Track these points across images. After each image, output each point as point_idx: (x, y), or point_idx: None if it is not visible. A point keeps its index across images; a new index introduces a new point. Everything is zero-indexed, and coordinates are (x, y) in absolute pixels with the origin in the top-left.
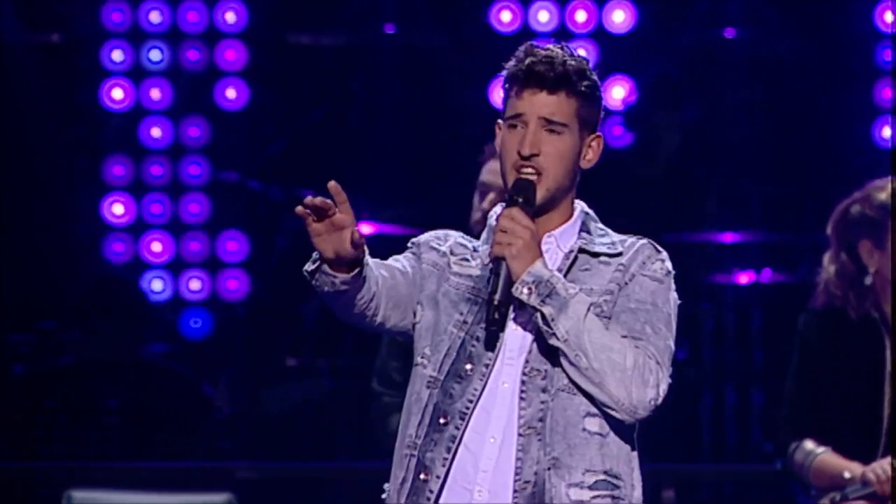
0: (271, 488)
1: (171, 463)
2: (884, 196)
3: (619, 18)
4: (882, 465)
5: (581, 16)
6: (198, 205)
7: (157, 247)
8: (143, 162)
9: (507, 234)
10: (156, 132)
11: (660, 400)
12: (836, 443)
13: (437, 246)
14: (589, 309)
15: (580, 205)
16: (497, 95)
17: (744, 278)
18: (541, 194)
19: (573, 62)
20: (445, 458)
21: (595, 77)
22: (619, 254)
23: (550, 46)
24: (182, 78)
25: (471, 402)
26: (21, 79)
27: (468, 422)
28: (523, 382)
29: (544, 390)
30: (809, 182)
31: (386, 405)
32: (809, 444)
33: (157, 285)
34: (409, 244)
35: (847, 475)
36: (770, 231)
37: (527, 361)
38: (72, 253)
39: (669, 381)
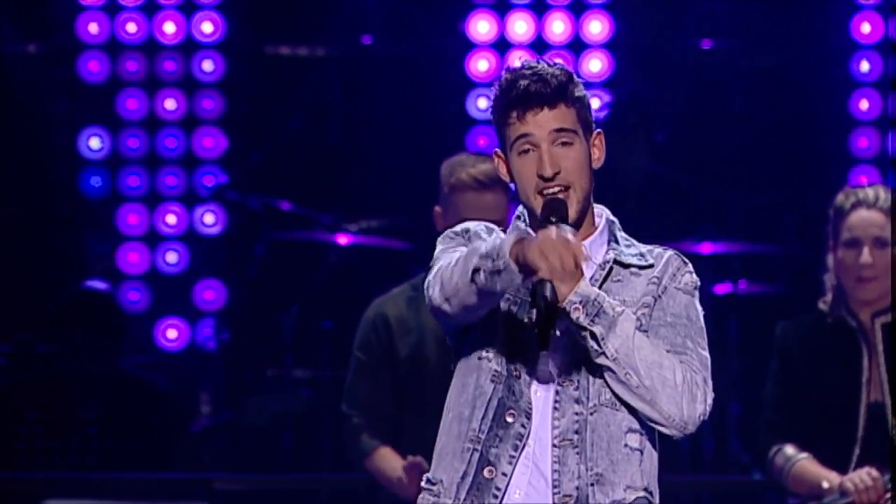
0: (250, 499)
1: (149, 474)
2: (840, 197)
3: (597, 29)
4: (860, 475)
5: (558, 27)
6: (174, 215)
7: (133, 258)
8: (120, 173)
9: (548, 257)
10: (132, 142)
11: (707, 415)
12: (814, 448)
13: (486, 238)
14: (636, 326)
15: (604, 212)
16: (474, 105)
17: (721, 289)
18: (574, 209)
19: (559, 71)
20: (513, 456)
21: (580, 80)
22: (651, 265)
23: (530, 63)
24: (159, 87)
25: (530, 403)
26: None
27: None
28: (557, 393)
29: (577, 401)
30: (787, 193)
31: (355, 426)
32: (790, 450)
33: (133, 295)
34: (458, 232)
35: (825, 485)
36: (747, 242)
37: (560, 372)
38: (49, 264)
39: (713, 395)
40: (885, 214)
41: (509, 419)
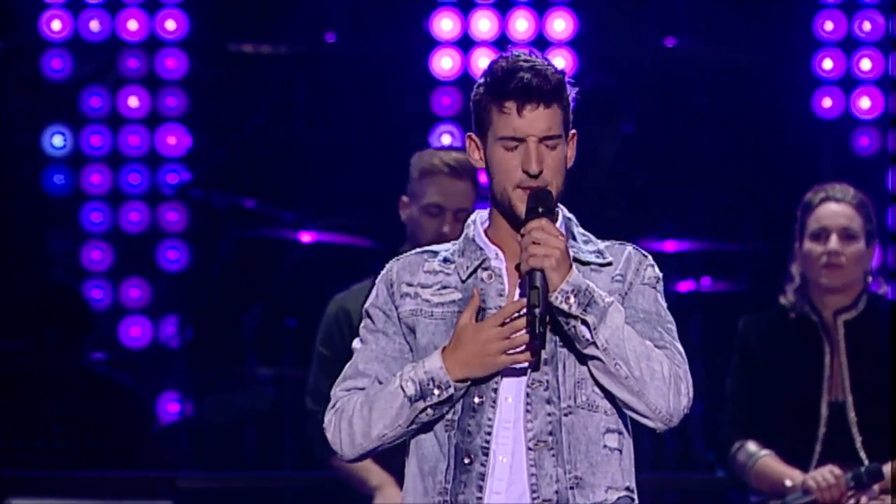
0: (213, 497)
1: (113, 472)
2: (808, 194)
3: (561, 27)
4: (823, 473)
5: (522, 24)
6: (138, 213)
7: (97, 255)
8: (83, 171)
9: (542, 245)
10: (96, 140)
11: (689, 408)
12: (775, 445)
13: (388, 306)
14: (624, 318)
15: (561, 209)
16: (438, 102)
17: (684, 287)
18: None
19: (556, 70)
20: (479, 498)
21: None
22: (609, 263)
23: (528, 56)
24: (122, 85)
25: (488, 433)
26: None
27: (491, 455)
28: (528, 395)
29: (549, 401)
30: (750, 191)
31: (320, 423)
32: (752, 446)
33: (97, 293)
34: (362, 331)
35: (788, 483)
36: (711, 240)
37: (528, 373)
38: (12, 262)
39: (692, 388)
40: (853, 208)
41: (467, 462)
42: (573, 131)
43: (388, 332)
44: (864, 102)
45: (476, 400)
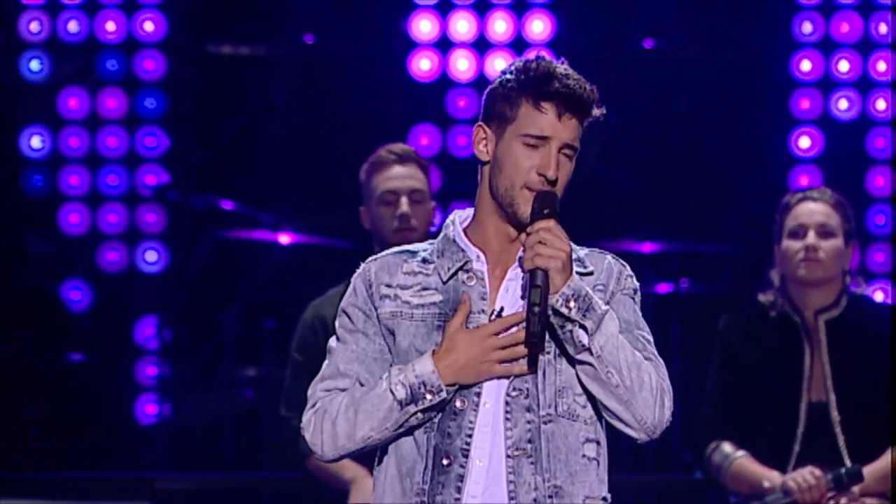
0: (191, 499)
1: (91, 473)
2: (787, 196)
3: (539, 29)
4: (803, 474)
5: (500, 26)
6: (116, 214)
7: (75, 256)
8: (61, 172)
9: (549, 246)
10: (74, 142)
11: (670, 420)
12: (754, 446)
13: (367, 306)
14: (618, 329)
15: None
16: (417, 103)
17: (662, 288)
18: None
19: (593, 89)
20: (457, 499)
21: None
22: (591, 272)
23: (565, 66)
24: (101, 87)
25: (469, 436)
26: None
27: (469, 458)
28: (507, 403)
29: (529, 409)
30: (728, 192)
31: (294, 428)
32: (728, 447)
33: (75, 294)
34: (340, 330)
35: (766, 484)
36: (688, 241)
37: (509, 381)
38: None
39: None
40: (830, 207)
41: (446, 463)
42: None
43: (368, 333)
44: (843, 104)
45: (458, 403)
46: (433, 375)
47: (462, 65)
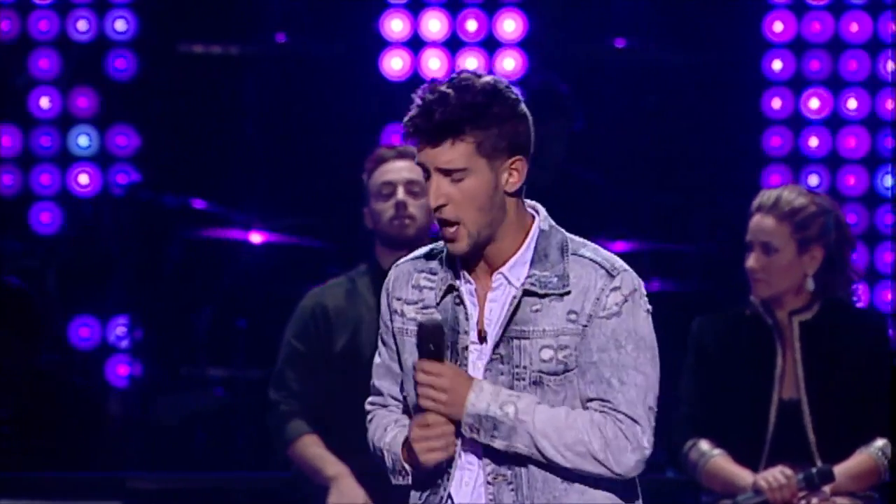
0: (163, 498)
1: (62, 473)
2: (755, 199)
3: (511, 27)
4: (773, 473)
5: (472, 25)
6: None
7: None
8: (31, 172)
9: (430, 389)
10: (45, 140)
11: (647, 454)
12: (727, 445)
13: (387, 318)
14: (536, 415)
15: (538, 223)
16: (388, 103)
17: None
18: (466, 242)
19: (456, 102)
20: None
21: (501, 103)
22: (568, 292)
23: (439, 86)
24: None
25: (452, 458)
26: None
27: (452, 479)
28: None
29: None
30: (699, 191)
31: (282, 413)
32: (704, 445)
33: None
34: (379, 340)
35: (739, 483)
36: (659, 240)
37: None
38: None
39: (653, 424)
40: (776, 220)
41: (438, 482)
42: (517, 157)
43: (390, 344)
44: (814, 103)
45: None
46: (399, 457)
47: (434, 63)
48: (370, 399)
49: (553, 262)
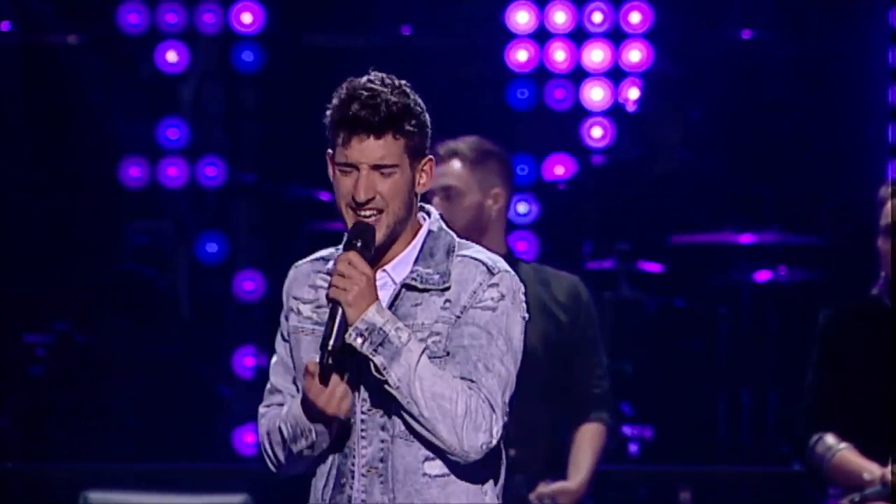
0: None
1: (187, 464)
2: (882, 188)
3: (637, 19)
4: None
5: (597, 17)
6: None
7: None
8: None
9: (344, 278)
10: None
11: (493, 443)
12: (854, 439)
13: (285, 319)
14: (422, 355)
15: (427, 225)
16: (514, 95)
17: (760, 278)
18: (383, 232)
19: (396, 100)
20: None
21: (420, 106)
22: (448, 287)
23: (373, 84)
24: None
25: (355, 457)
26: None
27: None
28: (363, 421)
29: (384, 428)
30: (824, 182)
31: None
32: (830, 439)
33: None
34: (276, 340)
35: (867, 476)
36: (786, 231)
37: (365, 399)
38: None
39: (505, 419)
40: None
41: (343, 482)
42: (427, 158)
43: (288, 342)
44: None
45: (351, 420)
46: (301, 416)
47: (559, 55)
48: (267, 400)
49: (438, 262)
